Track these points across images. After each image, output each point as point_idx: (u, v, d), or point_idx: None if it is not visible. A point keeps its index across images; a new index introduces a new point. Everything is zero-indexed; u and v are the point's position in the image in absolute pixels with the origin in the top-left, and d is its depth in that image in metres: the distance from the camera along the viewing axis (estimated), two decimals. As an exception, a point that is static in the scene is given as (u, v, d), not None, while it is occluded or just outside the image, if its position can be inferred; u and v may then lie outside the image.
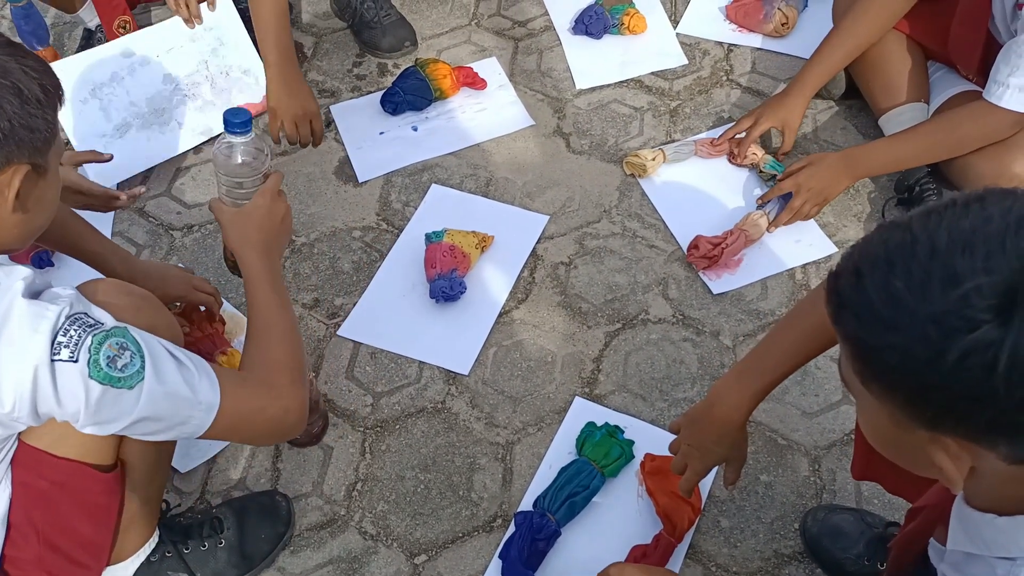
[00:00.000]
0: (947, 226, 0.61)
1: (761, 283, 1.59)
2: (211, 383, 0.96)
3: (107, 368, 0.87)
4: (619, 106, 1.91)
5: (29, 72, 0.88)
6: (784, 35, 2.00)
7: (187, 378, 0.93)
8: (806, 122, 1.84)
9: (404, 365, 1.52)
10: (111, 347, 0.88)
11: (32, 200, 0.93)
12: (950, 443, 0.64)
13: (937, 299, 0.59)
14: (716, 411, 1.08)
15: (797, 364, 1.06)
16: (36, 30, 1.68)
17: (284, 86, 1.64)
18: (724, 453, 1.11)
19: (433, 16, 2.14)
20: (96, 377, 0.86)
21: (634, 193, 1.75)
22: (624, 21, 2.01)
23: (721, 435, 1.09)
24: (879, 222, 1.53)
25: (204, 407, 0.95)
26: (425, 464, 1.40)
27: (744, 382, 1.06)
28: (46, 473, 0.95)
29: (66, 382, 0.86)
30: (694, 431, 1.12)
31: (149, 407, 0.90)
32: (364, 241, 1.71)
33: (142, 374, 0.89)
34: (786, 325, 1.07)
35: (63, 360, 0.85)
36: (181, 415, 0.94)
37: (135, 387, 0.89)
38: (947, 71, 1.69)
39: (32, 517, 0.99)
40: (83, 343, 0.86)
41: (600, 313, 1.58)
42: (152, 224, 1.76)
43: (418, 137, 1.87)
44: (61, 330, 0.86)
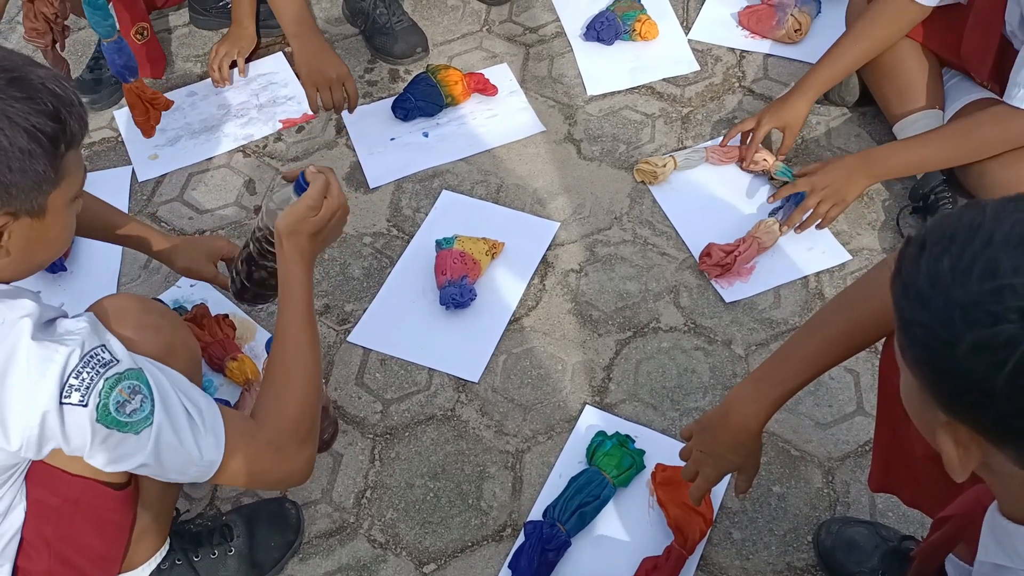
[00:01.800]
0: (1014, 219, 0.61)
1: (774, 291, 1.58)
2: (216, 441, 0.94)
3: (116, 413, 0.86)
4: (630, 112, 1.91)
5: (16, 118, 0.84)
6: (797, 41, 1.99)
7: (194, 433, 0.92)
8: (819, 129, 1.83)
9: (414, 372, 1.51)
10: (122, 391, 0.87)
11: (23, 242, 0.90)
12: (962, 431, 0.64)
13: (972, 287, 0.59)
14: (732, 418, 1.06)
15: (816, 373, 1.04)
16: (128, 63, 1.75)
17: (311, 54, 1.69)
18: (738, 461, 1.10)
19: (444, 22, 2.14)
20: (103, 421, 0.86)
21: (645, 200, 1.74)
22: (636, 27, 2.01)
23: (736, 443, 1.07)
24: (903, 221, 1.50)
25: (206, 464, 0.94)
26: (434, 472, 1.40)
27: (762, 389, 1.05)
28: (60, 490, 0.95)
29: (74, 424, 0.85)
30: (708, 437, 1.10)
31: (153, 454, 0.90)
32: (375, 247, 1.71)
33: (150, 420, 0.88)
34: (806, 333, 1.06)
35: (72, 404, 0.85)
36: (182, 467, 0.93)
37: (141, 432, 0.88)
38: (962, 78, 1.68)
39: (44, 532, 0.99)
40: (94, 387, 0.85)
41: (611, 321, 1.57)
42: (164, 229, 1.76)
43: (429, 143, 1.87)
44: (73, 372, 0.85)
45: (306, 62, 1.69)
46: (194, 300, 1.60)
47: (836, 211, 1.59)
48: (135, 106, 1.82)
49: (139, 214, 1.79)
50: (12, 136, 0.84)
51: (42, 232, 0.92)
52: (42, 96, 0.86)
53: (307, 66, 1.69)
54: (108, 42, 1.72)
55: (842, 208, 1.60)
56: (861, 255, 1.62)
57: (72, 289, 1.63)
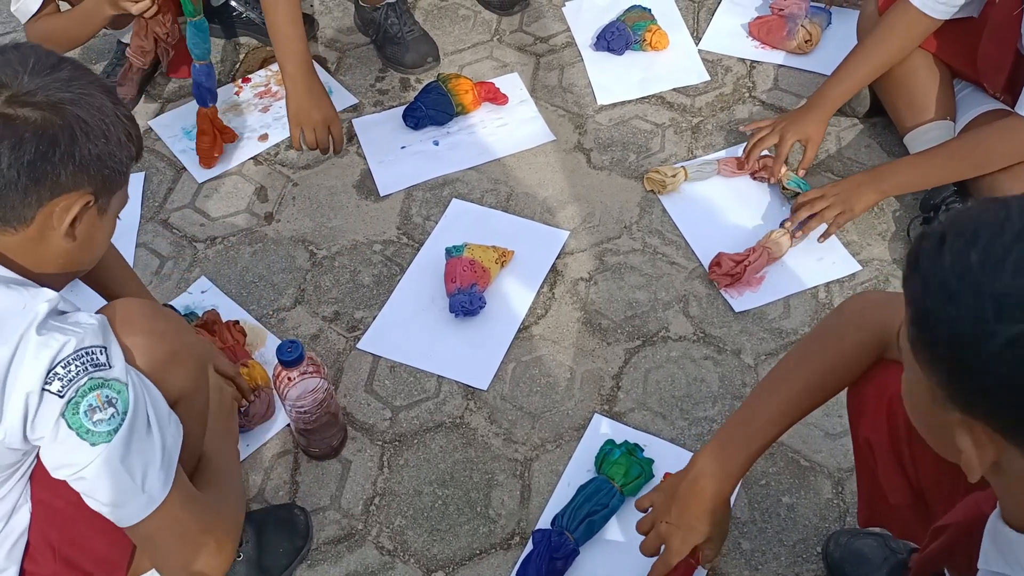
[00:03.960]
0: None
1: (783, 301, 1.58)
2: (162, 483, 0.94)
3: (83, 415, 0.87)
4: (640, 122, 1.91)
5: (120, 117, 0.94)
6: (807, 52, 1.99)
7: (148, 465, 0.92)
8: (830, 140, 1.83)
9: (423, 379, 1.52)
10: (98, 397, 0.87)
11: (84, 233, 0.95)
12: (979, 429, 0.63)
13: (1005, 280, 0.58)
14: (700, 485, 1.00)
15: (783, 429, 1.00)
16: (212, 87, 1.80)
17: (301, 96, 1.70)
18: (708, 531, 1.02)
19: (455, 32, 2.15)
20: (67, 420, 0.86)
21: (655, 209, 1.74)
22: (646, 37, 2.01)
23: (707, 511, 1.01)
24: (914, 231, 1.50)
25: (144, 500, 0.92)
26: (443, 479, 1.40)
27: (729, 452, 1.00)
28: (63, 493, 0.95)
29: (44, 412, 0.86)
30: (676, 508, 1.03)
31: (95, 472, 0.89)
32: (384, 255, 1.71)
33: (110, 438, 0.88)
34: (770, 386, 1.02)
35: (51, 392, 0.85)
36: (118, 498, 0.92)
37: (97, 446, 0.88)
38: (974, 89, 1.68)
39: (48, 536, 0.99)
40: (76, 382, 0.86)
41: (620, 330, 1.57)
42: (176, 236, 1.77)
43: (439, 151, 1.88)
44: (62, 362, 0.86)
45: (296, 103, 1.69)
46: (205, 306, 1.61)
47: (843, 218, 1.59)
48: (205, 132, 1.85)
49: (151, 220, 1.80)
50: (115, 126, 0.93)
51: (96, 232, 0.97)
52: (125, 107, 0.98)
53: (296, 106, 1.69)
54: (201, 64, 1.77)
55: (849, 217, 1.60)
56: (871, 265, 1.62)
57: (83, 294, 1.64)
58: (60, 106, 0.89)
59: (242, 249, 1.75)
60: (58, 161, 0.89)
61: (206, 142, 1.85)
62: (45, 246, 0.93)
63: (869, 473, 1.02)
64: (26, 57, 0.90)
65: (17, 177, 0.87)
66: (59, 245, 0.94)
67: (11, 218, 0.90)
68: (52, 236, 0.93)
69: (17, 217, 0.90)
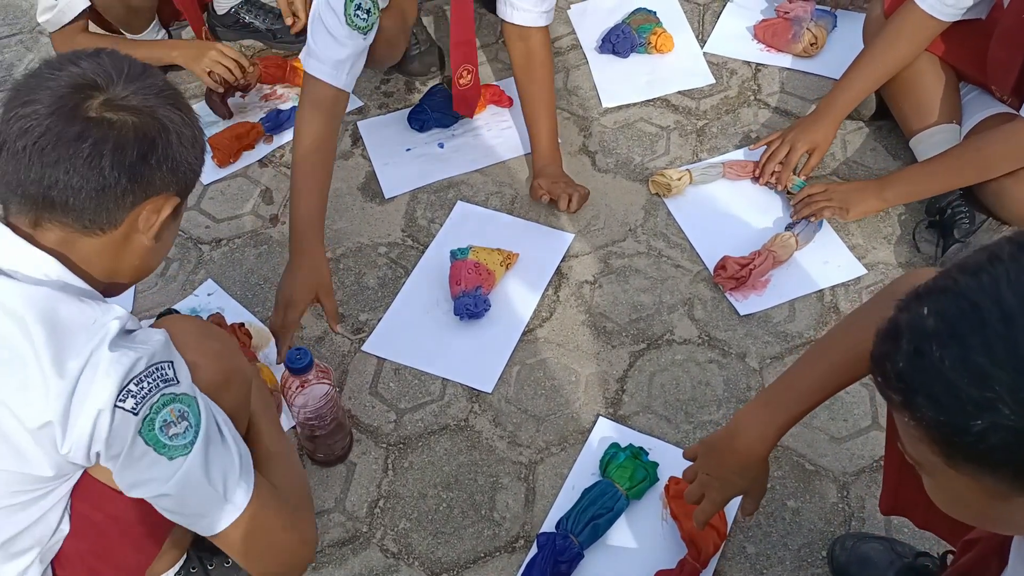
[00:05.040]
0: (1008, 285, 0.57)
1: (789, 305, 1.57)
2: (246, 487, 0.94)
3: (159, 432, 0.86)
4: (645, 125, 1.91)
5: (198, 124, 0.97)
6: (813, 55, 1.99)
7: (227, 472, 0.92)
8: (836, 143, 1.83)
9: (428, 382, 1.52)
10: (172, 412, 0.87)
11: (163, 235, 0.97)
12: None
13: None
14: (738, 441, 1.04)
15: (826, 396, 1.02)
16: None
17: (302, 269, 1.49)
18: (744, 485, 1.07)
19: (461, 34, 2.15)
20: (144, 436, 0.86)
21: (660, 212, 1.74)
22: (651, 40, 2.01)
23: (743, 466, 1.04)
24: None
25: (229, 508, 0.93)
26: (448, 482, 1.40)
27: (769, 413, 1.03)
28: (105, 507, 0.94)
29: (120, 429, 0.85)
30: (713, 460, 1.07)
31: (178, 486, 0.89)
32: (389, 257, 1.71)
33: (187, 451, 0.88)
34: (816, 354, 1.04)
35: (125, 409, 0.85)
36: (203, 508, 0.92)
37: (175, 460, 0.88)
38: (980, 93, 1.67)
39: (79, 547, 0.98)
40: (149, 399, 0.86)
41: (625, 333, 1.57)
42: (181, 238, 1.78)
43: (444, 154, 1.88)
44: (135, 379, 0.85)
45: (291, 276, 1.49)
46: (211, 309, 1.62)
47: (830, 212, 1.61)
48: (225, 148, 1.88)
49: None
50: (198, 131, 0.97)
51: (169, 236, 0.99)
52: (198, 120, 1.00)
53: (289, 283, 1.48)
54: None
55: (838, 212, 1.61)
56: (877, 269, 1.62)
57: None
58: (154, 111, 0.91)
59: (247, 251, 1.75)
60: (155, 164, 0.90)
61: (224, 155, 1.88)
62: (127, 250, 0.94)
63: (900, 459, 1.02)
64: (119, 63, 0.92)
65: (118, 179, 0.88)
66: (141, 248, 0.95)
67: (104, 221, 0.90)
68: (136, 239, 0.94)
69: (110, 220, 0.90)
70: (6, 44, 2.28)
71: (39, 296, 0.86)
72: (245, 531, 0.95)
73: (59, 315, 0.86)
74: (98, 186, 0.88)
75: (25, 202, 0.89)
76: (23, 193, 0.89)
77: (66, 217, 0.89)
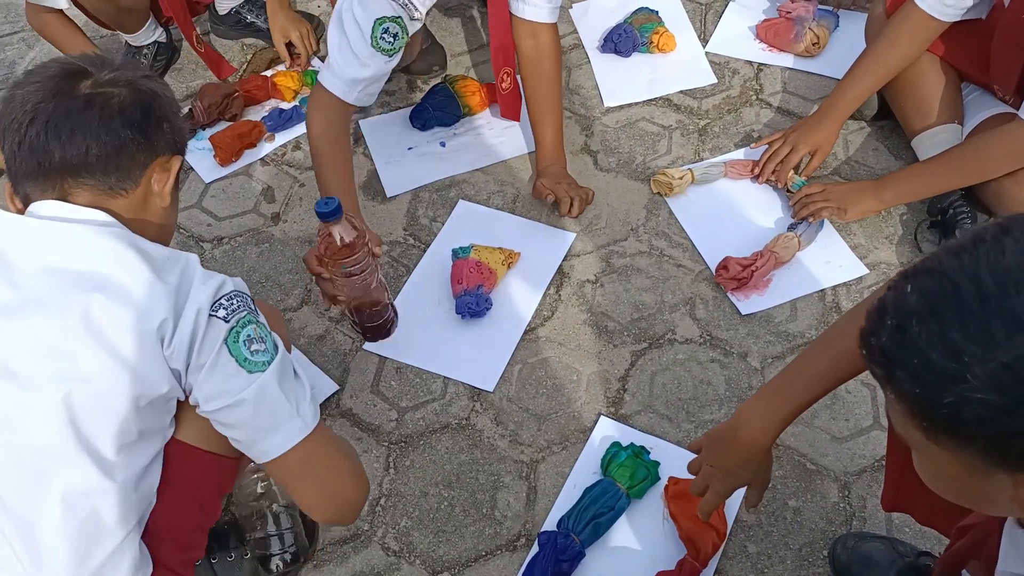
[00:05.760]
0: (987, 266, 0.59)
1: (790, 304, 1.57)
2: (315, 412, 1.01)
3: (243, 345, 0.94)
4: (647, 124, 1.91)
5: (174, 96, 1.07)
6: (815, 55, 1.99)
7: (299, 395, 0.99)
8: (838, 143, 1.82)
9: (429, 380, 1.52)
10: (255, 330, 0.96)
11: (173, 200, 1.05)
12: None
13: (1004, 344, 0.58)
14: (741, 433, 1.05)
15: (828, 389, 1.03)
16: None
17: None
18: (748, 477, 1.09)
19: (463, 33, 2.15)
20: (230, 347, 0.94)
21: (661, 212, 1.74)
22: (653, 40, 2.01)
23: (746, 458, 1.06)
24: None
25: (299, 424, 0.98)
26: (449, 481, 1.40)
27: (772, 405, 1.04)
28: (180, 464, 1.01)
29: (211, 335, 0.93)
30: (717, 452, 1.10)
31: (254, 395, 0.95)
32: (391, 256, 1.71)
33: (265, 367, 0.96)
34: (818, 348, 1.05)
35: (218, 317, 0.93)
36: (275, 421, 0.97)
37: (253, 374, 0.95)
38: (981, 93, 1.67)
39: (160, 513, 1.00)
40: (237, 313, 0.95)
41: (626, 332, 1.57)
42: (183, 236, 1.78)
43: (446, 153, 1.88)
44: (226, 296, 0.95)
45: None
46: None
47: (828, 212, 1.61)
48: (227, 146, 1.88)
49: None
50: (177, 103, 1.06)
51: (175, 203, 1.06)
52: None
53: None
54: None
55: (836, 212, 1.61)
56: (878, 269, 1.62)
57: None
58: (139, 82, 1.00)
59: (249, 249, 1.75)
60: (156, 123, 0.99)
61: (226, 152, 1.87)
62: (147, 210, 1.01)
63: (902, 456, 1.02)
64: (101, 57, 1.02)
65: (132, 136, 0.97)
66: (158, 208, 1.02)
67: (125, 178, 0.98)
68: (152, 202, 1.02)
69: (130, 177, 0.98)
70: (8, 42, 2.28)
71: (122, 234, 0.95)
72: (309, 454, 0.99)
73: (144, 247, 0.95)
74: (115, 145, 0.96)
75: (49, 180, 0.96)
76: (45, 175, 0.96)
77: (92, 179, 0.96)
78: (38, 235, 0.93)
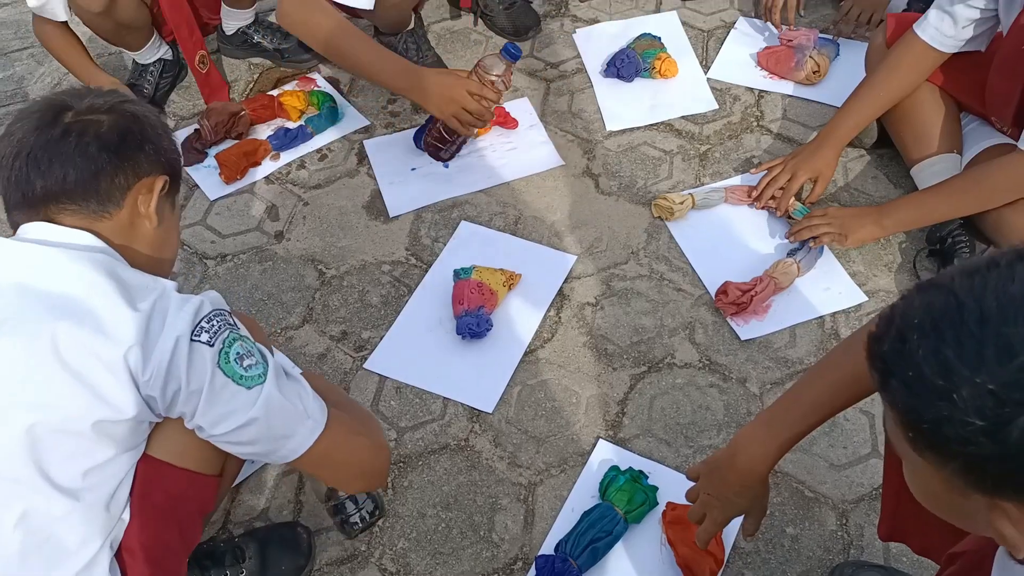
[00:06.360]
0: (994, 290, 0.60)
1: (789, 330, 1.58)
2: (320, 404, 1.03)
3: (235, 363, 0.95)
4: (649, 148, 1.93)
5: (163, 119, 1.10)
6: (815, 83, 2.01)
7: (300, 394, 1.01)
8: (837, 170, 1.84)
9: (429, 401, 1.52)
10: (241, 346, 0.96)
11: (164, 220, 1.06)
12: (1011, 508, 0.62)
13: (993, 370, 0.58)
14: (739, 460, 1.05)
15: (826, 416, 1.03)
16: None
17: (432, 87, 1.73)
18: (745, 505, 1.09)
19: (468, 56, 2.17)
20: (222, 367, 0.94)
21: (662, 236, 1.75)
22: (655, 65, 2.03)
23: (743, 486, 1.06)
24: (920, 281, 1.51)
25: (311, 424, 1.01)
26: (447, 502, 1.40)
27: (770, 432, 1.04)
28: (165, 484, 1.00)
29: (198, 361, 0.93)
30: (714, 480, 1.09)
31: (263, 410, 0.96)
32: (393, 275, 1.72)
33: (263, 379, 0.96)
34: (816, 375, 1.05)
35: (201, 342, 0.93)
36: (288, 427, 0.99)
37: (253, 388, 0.96)
38: (980, 123, 1.69)
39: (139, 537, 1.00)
40: (221, 334, 0.95)
41: (626, 355, 1.57)
42: (186, 252, 1.79)
43: (449, 174, 1.89)
44: (205, 317, 0.95)
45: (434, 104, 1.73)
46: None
47: (829, 238, 1.62)
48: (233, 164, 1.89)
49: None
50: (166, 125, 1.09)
51: (171, 226, 1.09)
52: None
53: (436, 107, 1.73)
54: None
55: (837, 238, 1.62)
56: (877, 296, 1.63)
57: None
58: (122, 108, 1.03)
59: (252, 267, 1.76)
60: (137, 145, 1.02)
61: (231, 172, 1.88)
62: (137, 236, 1.03)
63: (898, 485, 1.02)
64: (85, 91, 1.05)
65: (108, 159, 0.99)
66: (148, 234, 1.04)
67: (106, 201, 1.00)
68: (141, 225, 1.03)
69: (111, 200, 1.00)
70: (17, 57, 2.30)
71: (99, 259, 0.96)
72: (328, 445, 1.02)
73: (120, 274, 0.95)
74: (92, 169, 0.98)
75: (34, 209, 0.99)
76: (30, 204, 0.99)
77: (72, 204, 0.99)
78: (15, 256, 0.95)
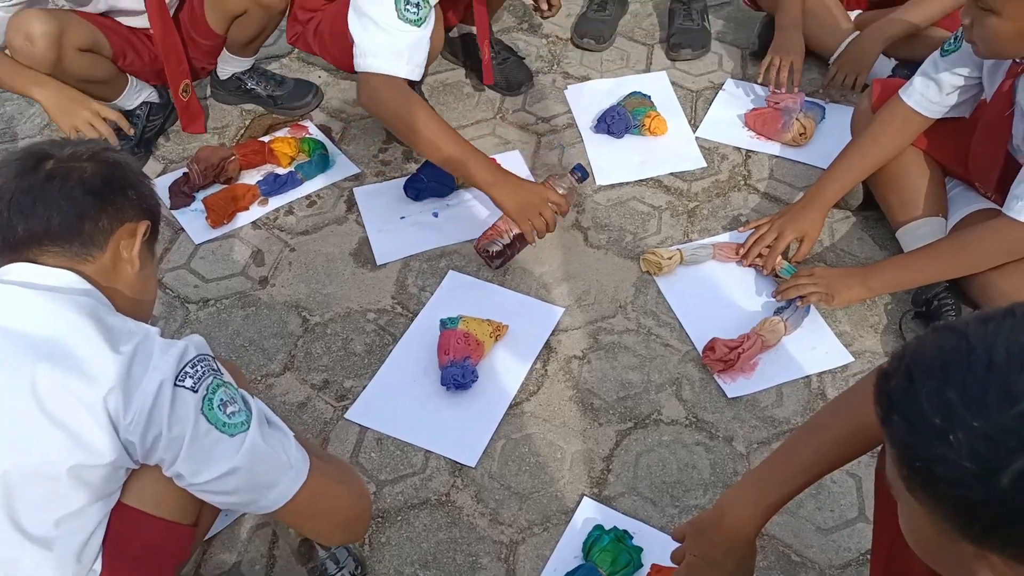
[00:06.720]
0: (1005, 339, 0.60)
1: (776, 389, 1.57)
2: (302, 454, 1.02)
3: (218, 410, 0.94)
4: (638, 204, 1.94)
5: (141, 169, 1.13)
6: (802, 144, 2.04)
7: (284, 442, 1.00)
8: (824, 231, 1.85)
9: (410, 453, 1.49)
10: (225, 392, 0.96)
11: (145, 265, 1.07)
12: (997, 561, 0.62)
13: (992, 415, 0.58)
14: (726, 522, 1.03)
15: (814, 477, 1.02)
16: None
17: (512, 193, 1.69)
18: (731, 567, 1.06)
19: (460, 108, 2.20)
20: (206, 414, 0.93)
21: (650, 290, 1.75)
22: (645, 123, 2.06)
23: (730, 548, 1.04)
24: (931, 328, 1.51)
25: (294, 473, 1.00)
26: (425, 560, 1.35)
27: (758, 493, 1.02)
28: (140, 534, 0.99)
29: (180, 407, 0.92)
30: (701, 541, 1.07)
31: (247, 458, 0.95)
32: (378, 324, 1.70)
33: (246, 427, 0.96)
34: (804, 435, 1.04)
35: (185, 387, 0.93)
36: (272, 477, 0.98)
37: (236, 436, 0.95)
38: (965, 188, 1.71)
39: None
40: (205, 380, 0.95)
41: (612, 410, 1.55)
42: (168, 296, 1.76)
43: (438, 223, 1.89)
44: (190, 363, 0.95)
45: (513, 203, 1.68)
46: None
47: (816, 298, 1.61)
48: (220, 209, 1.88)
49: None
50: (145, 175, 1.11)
51: (150, 273, 1.10)
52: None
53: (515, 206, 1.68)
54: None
55: (824, 298, 1.61)
56: (863, 357, 1.62)
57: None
58: (101, 155, 1.05)
59: (234, 312, 1.74)
60: (119, 191, 1.04)
61: (219, 216, 1.87)
62: (118, 275, 1.04)
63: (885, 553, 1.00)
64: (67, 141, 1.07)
65: (91, 203, 1.01)
66: (129, 274, 1.05)
67: (89, 244, 1.01)
68: (123, 269, 1.05)
69: (94, 243, 1.01)
70: (8, 97, 2.30)
71: (82, 301, 0.96)
72: (310, 495, 1.02)
73: (103, 317, 0.96)
74: (76, 212, 1.00)
75: (16, 252, 1.00)
76: (12, 248, 1.00)
77: (55, 246, 1.00)
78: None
